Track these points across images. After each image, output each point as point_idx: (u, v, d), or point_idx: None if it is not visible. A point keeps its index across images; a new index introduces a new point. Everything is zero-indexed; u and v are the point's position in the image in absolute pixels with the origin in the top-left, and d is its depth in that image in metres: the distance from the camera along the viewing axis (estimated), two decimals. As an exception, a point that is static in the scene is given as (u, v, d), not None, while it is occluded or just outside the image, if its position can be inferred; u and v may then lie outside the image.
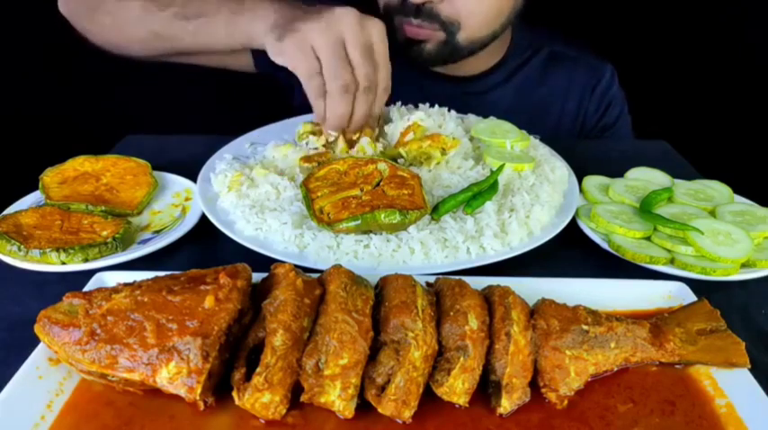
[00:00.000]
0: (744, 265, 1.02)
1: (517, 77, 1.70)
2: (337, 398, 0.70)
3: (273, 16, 1.17)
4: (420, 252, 0.98)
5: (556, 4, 2.16)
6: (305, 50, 1.10)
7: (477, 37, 1.50)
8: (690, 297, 0.90)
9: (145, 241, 1.06)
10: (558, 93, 1.72)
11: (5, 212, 1.10)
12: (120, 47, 1.45)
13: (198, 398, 0.70)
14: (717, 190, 1.23)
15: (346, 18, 1.08)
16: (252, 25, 1.20)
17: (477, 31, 1.48)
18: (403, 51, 1.51)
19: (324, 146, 1.21)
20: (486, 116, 1.38)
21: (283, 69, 1.14)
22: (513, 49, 1.70)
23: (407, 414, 0.70)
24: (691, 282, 0.93)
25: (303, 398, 0.71)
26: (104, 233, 1.03)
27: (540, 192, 1.12)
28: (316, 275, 0.82)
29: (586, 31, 1.98)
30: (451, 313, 0.76)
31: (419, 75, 1.60)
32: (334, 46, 1.08)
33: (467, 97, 1.60)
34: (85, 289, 0.85)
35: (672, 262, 1.03)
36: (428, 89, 1.51)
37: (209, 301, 0.72)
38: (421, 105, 1.36)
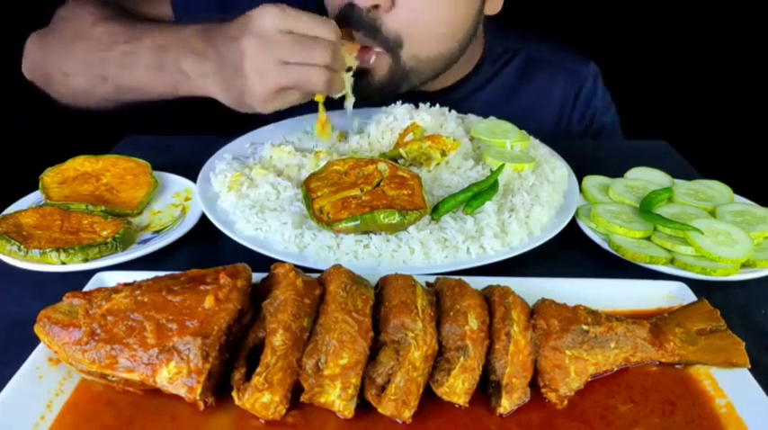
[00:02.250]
0: (744, 265, 1.02)
1: (492, 86, 1.61)
2: (337, 398, 0.70)
3: (203, 78, 1.16)
4: (420, 252, 0.98)
5: (555, 5, 2.16)
6: (270, 99, 1.11)
7: (425, 56, 1.35)
8: (690, 297, 0.90)
9: (145, 241, 1.06)
10: (538, 102, 1.63)
11: (5, 212, 1.10)
12: (85, 107, 1.44)
13: (198, 398, 0.70)
14: (717, 190, 1.23)
15: (247, 54, 1.07)
16: (197, 89, 1.20)
17: (422, 48, 1.34)
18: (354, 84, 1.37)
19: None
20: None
21: None
22: (486, 56, 1.60)
23: (407, 414, 0.70)
24: (691, 282, 0.93)
25: (303, 398, 0.71)
26: (104, 233, 1.03)
27: (540, 192, 1.12)
28: (316, 275, 0.82)
29: (584, 29, 1.97)
30: (451, 313, 0.76)
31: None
32: (266, 83, 1.09)
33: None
34: (85, 289, 0.85)
35: (672, 262, 1.03)
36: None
37: (209, 301, 0.72)
38: (421, 105, 1.36)
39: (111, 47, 1.28)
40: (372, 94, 1.38)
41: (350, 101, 1.25)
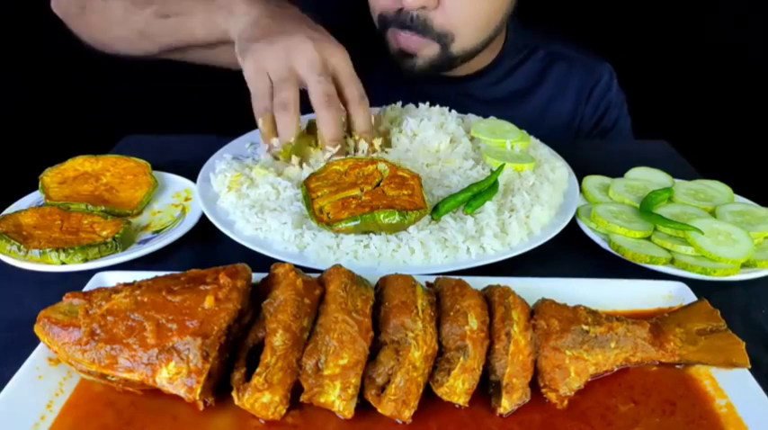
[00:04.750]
0: (744, 265, 1.02)
1: (513, 78, 1.68)
2: (337, 398, 0.70)
3: (245, 18, 1.19)
4: (420, 252, 0.98)
5: (555, 4, 2.16)
6: (259, 72, 1.12)
7: (472, 46, 1.48)
8: (690, 297, 0.90)
9: (145, 241, 1.06)
10: (554, 95, 1.70)
11: (5, 212, 1.10)
12: (108, 45, 1.47)
13: (198, 398, 0.70)
14: (717, 190, 1.23)
15: (302, 45, 1.09)
16: (227, 23, 1.23)
17: (471, 40, 1.47)
18: (396, 64, 1.49)
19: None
20: (483, 117, 1.38)
21: None
22: (507, 48, 1.67)
23: (407, 414, 0.70)
24: (691, 282, 0.93)
25: (303, 398, 0.71)
26: (104, 233, 1.03)
27: (540, 192, 1.12)
28: (316, 275, 0.82)
29: (586, 29, 1.98)
30: (451, 313, 0.76)
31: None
32: (283, 70, 1.10)
33: (460, 98, 1.57)
34: (85, 289, 0.85)
35: (672, 262, 1.03)
36: (421, 90, 1.49)
37: (208, 301, 0.72)
38: (421, 105, 1.36)
39: None
40: (416, 76, 1.48)
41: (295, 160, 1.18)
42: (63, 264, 0.97)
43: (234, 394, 0.69)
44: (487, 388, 0.76)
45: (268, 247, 1.00)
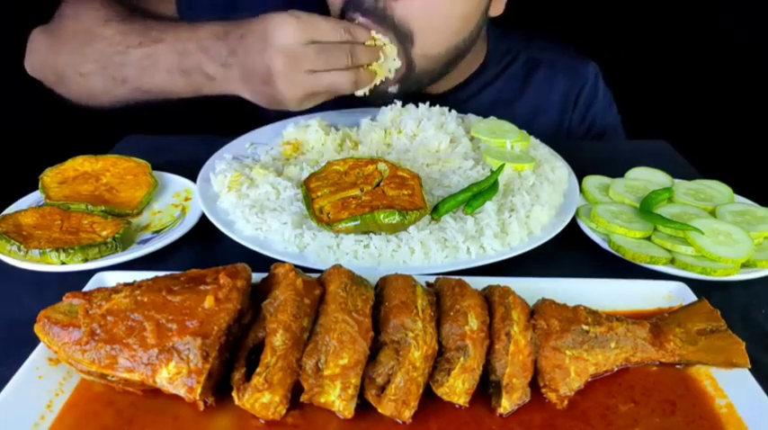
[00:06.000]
0: (744, 265, 1.02)
1: (494, 88, 1.60)
2: (337, 398, 0.70)
3: (224, 80, 1.20)
4: (420, 252, 0.98)
5: (551, 4, 2.15)
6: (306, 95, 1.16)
7: (435, 53, 1.35)
8: (690, 297, 0.90)
9: (145, 241, 1.06)
10: (539, 104, 1.63)
11: (5, 212, 1.10)
12: (92, 106, 1.43)
13: (198, 398, 0.70)
14: (717, 190, 1.23)
15: (275, 65, 1.11)
16: (219, 88, 1.23)
17: (433, 45, 1.33)
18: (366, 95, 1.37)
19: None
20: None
21: None
22: (489, 58, 1.60)
23: (407, 414, 0.70)
24: (691, 282, 0.93)
25: (303, 398, 0.71)
26: (104, 233, 1.03)
27: (540, 192, 1.12)
28: (316, 275, 0.82)
29: (585, 29, 1.97)
30: (451, 313, 0.76)
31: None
32: (309, 85, 1.14)
33: None
34: (85, 289, 0.85)
35: (672, 262, 1.03)
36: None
37: (208, 301, 0.72)
38: (421, 105, 1.36)
39: (126, 50, 1.26)
40: (382, 95, 1.38)
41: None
42: (63, 264, 0.97)
43: (234, 394, 0.69)
44: (487, 388, 0.76)
45: (268, 247, 1.00)
